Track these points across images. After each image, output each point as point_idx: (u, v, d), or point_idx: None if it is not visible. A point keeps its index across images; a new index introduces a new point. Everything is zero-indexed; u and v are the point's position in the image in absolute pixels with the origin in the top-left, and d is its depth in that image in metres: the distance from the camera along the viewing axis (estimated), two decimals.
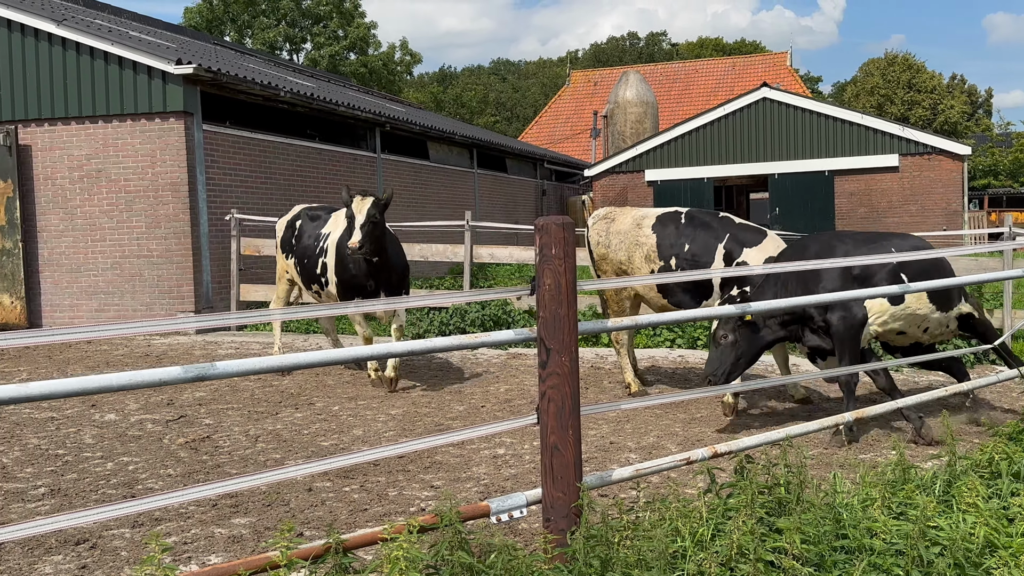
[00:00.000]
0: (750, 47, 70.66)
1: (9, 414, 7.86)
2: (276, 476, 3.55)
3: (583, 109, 45.01)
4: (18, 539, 4.73)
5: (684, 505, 3.67)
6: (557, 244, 3.65)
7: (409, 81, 66.74)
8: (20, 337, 3.00)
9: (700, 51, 69.35)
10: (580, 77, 49.30)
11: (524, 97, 75.36)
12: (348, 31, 53.74)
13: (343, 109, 17.34)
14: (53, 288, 14.03)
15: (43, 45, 13.81)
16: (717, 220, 7.87)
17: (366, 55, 54.85)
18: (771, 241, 7.54)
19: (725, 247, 7.59)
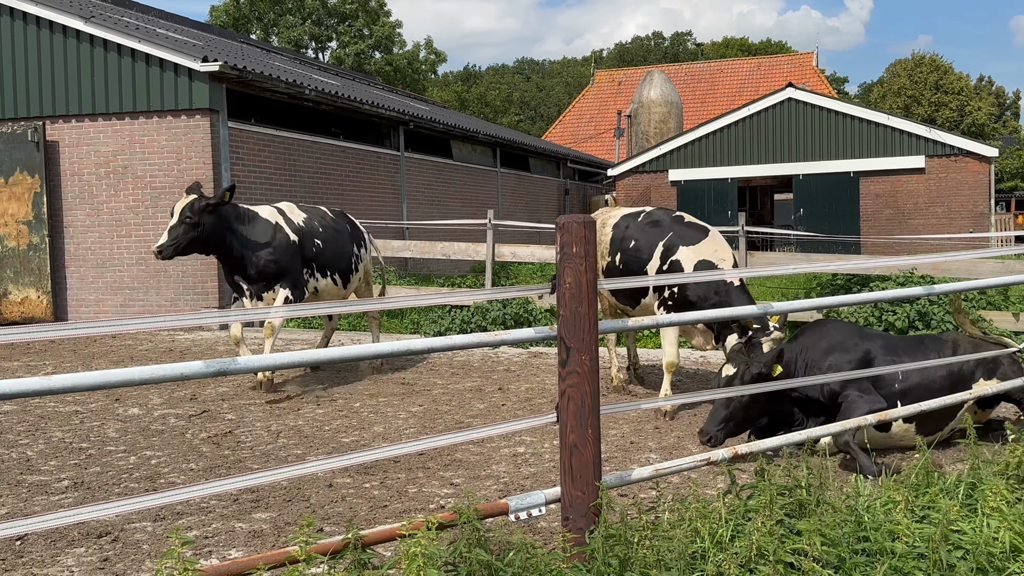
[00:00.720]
0: (776, 47, 70.22)
1: (34, 407, 7.95)
2: (297, 471, 3.57)
3: (607, 108, 44.90)
4: (42, 531, 4.78)
5: (704, 506, 3.65)
6: (578, 243, 3.64)
7: (433, 80, 66.85)
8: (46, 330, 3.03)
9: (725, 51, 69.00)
10: (604, 76, 49.19)
11: (548, 96, 75.29)
12: (373, 30, 53.91)
13: (368, 107, 17.40)
14: (79, 283, 14.17)
15: (71, 42, 13.95)
16: (669, 219, 7.79)
17: (391, 54, 55.02)
18: (709, 241, 7.38)
19: (664, 244, 7.53)
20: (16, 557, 4.51)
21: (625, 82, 46.88)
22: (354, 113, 17.60)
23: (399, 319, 13.32)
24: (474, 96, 67.82)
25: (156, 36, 14.67)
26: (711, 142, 25.76)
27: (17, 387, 2.72)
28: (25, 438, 6.91)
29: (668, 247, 7.49)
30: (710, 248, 7.31)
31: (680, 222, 7.71)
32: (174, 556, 2.75)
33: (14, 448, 6.60)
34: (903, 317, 9.66)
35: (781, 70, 44.37)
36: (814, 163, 24.69)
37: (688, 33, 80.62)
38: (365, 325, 13.18)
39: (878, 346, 6.12)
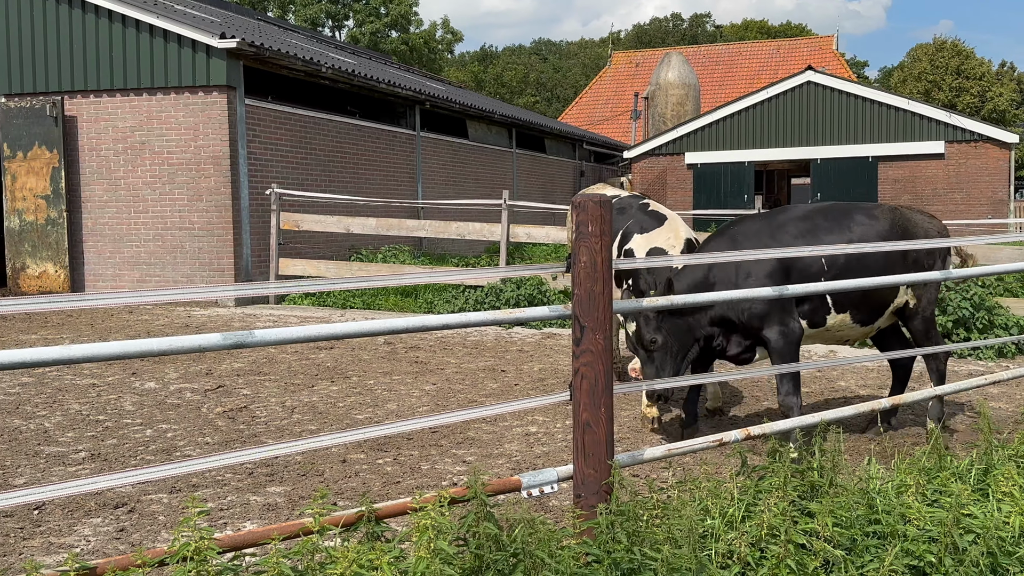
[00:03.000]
0: (796, 30, 69.62)
1: (52, 380, 8.03)
2: (311, 444, 3.60)
3: (624, 90, 44.66)
4: (59, 501, 4.84)
5: (715, 486, 3.66)
6: (594, 222, 3.64)
7: (450, 60, 66.67)
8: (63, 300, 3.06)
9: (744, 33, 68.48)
10: (621, 58, 48.91)
11: (565, 77, 74.96)
12: (390, 8, 53.75)
13: (384, 86, 17.38)
14: (96, 258, 14.26)
15: (90, 17, 13.98)
16: (636, 205, 7.54)
17: (407, 33, 54.85)
18: (665, 229, 7.08)
19: (622, 232, 7.29)
20: (34, 526, 4.57)
21: (642, 64, 46.61)
22: (370, 92, 17.59)
23: (413, 298, 13.35)
24: (490, 76, 67.63)
25: (174, 12, 14.68)
26: (729, 125, 25.62)
27: (38, 356, 2.75)
28: (43, 410, 6.99)
29: (624, 235, 7.34)
30: (664, 236, 7.06)
31: (644, 210, 7.47)
32: (191, 524, 2.79)
33: (32, 420, 6.68)
34: None
35: (801, 53, 44.00)
36: (832, 147, 24.53)
37: (707, 15, 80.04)
38: (379, 303, 13.23)
39: (792, 238, 5.88)
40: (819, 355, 9.63)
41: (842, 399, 7.44)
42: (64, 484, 3.05)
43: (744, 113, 25.43)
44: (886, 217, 6.12)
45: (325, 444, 3.67)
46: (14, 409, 6.99)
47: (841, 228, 5.99)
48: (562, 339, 10.45)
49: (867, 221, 6.06)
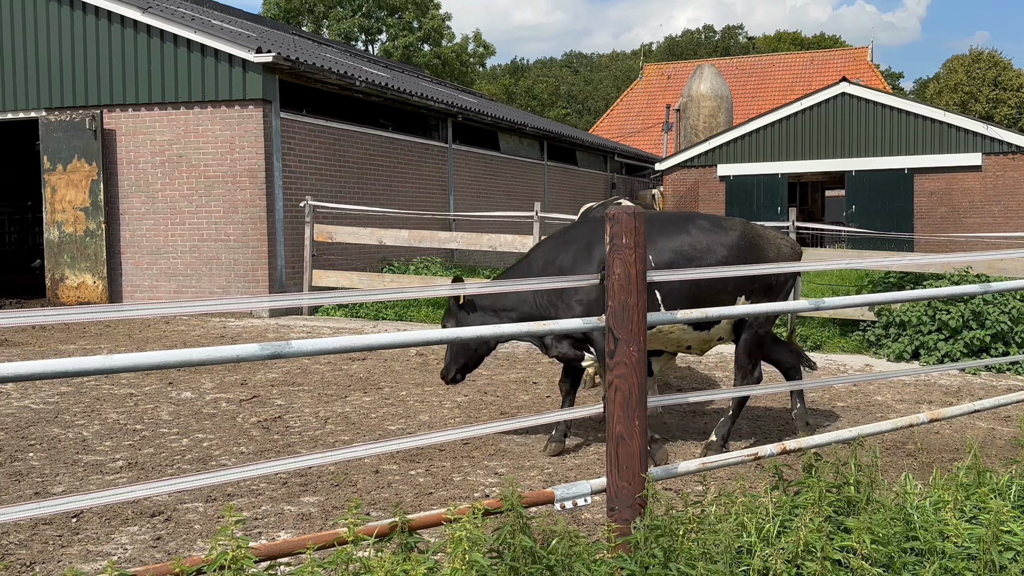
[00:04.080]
0: (830, 41, 69.14)
1: (90, 389, 8.14)
2: (345, 455, 3.62)
3: (655, 102, 44.60)
4: (96, 509, 4.90)
5: (751, 500, 3.63)
6: (628, 234, 3.64)
7: (481, 73, 66.95)
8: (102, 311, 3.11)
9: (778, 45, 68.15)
10: (653, 70, 48.86)
11: (596, 90, 75.00)
12: (423, 22, 54.13)
13: (416, 99, 17.49)
14: (134, 269, 14.46)
15: (128, 32, 14.22)
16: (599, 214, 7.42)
17: (439, 46, 55.19)
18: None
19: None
20: (72, 534, 4.63)
21: (674, 76, 46.53)
22: (403, 105, 17.71)
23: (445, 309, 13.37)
24: (521, 89, 67.82)
25: (211, 27, 14.89)
26: (762, 137, 25.48)
27: (79, 366, 2.80)
28: (81, 419, 7.09)
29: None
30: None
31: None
32: (227, 533, 2.81)
33: (70, 428, 6.77)
34: (957, 316, 9.49)
35: (835, 65, 43.70)
36: (867, 159, 24.31)
37: (739, 27, 79.74)
38: (411, 315, 13.29)
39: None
40: (855, 369, 9.53)
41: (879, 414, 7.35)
42: (102, 492, 3.09)
43: (778, 125, 25.28)
44: (736, 229, 6.05)
45: (358, 455, 3.69)
46: (53, 418, 7.10)
47: (679, 233, 5.98)
48: None
49: (711, 229, 6.03)
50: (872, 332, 10.40)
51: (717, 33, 78.19)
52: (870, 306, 9.67)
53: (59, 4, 14.54)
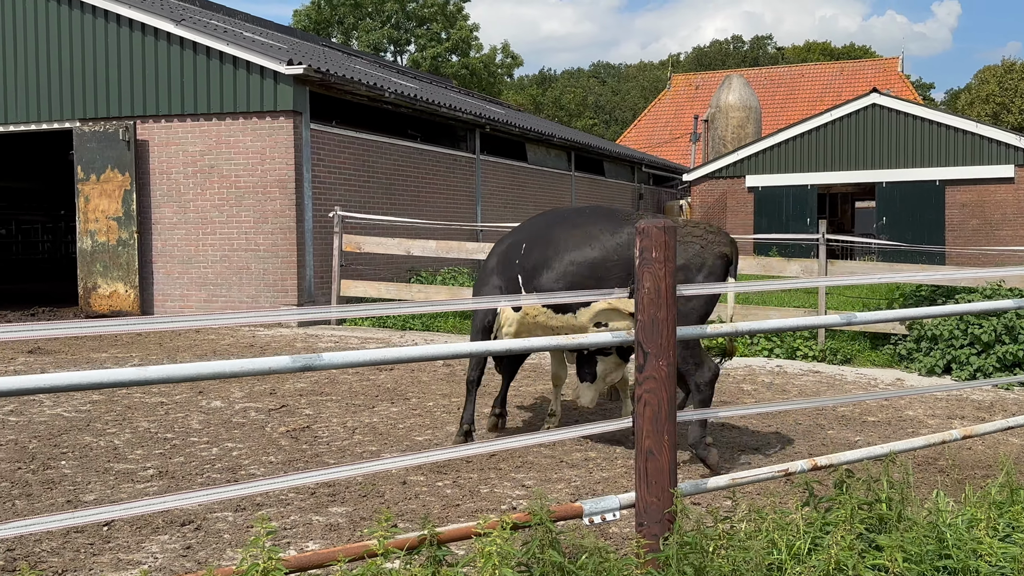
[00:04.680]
0: (859, 52, 68.68)
1: (121, 398, 8.23)
2: (373, 467, 3.64)
3: (683, 113, 44.51)
4: (128, 517, 4.95)
5: (781, 517, 3.60)
6: (658, 247, 3.64)
7: (509, 83, 67.13)
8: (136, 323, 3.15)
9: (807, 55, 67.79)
10: (681, 80, 48.77)
11: (623, 100, 74.98)
12: (451, 33, 54.41)
13: (445, 110, 17.57)
14: (165, 278, 14.61)
15: (162, 44, 14.41)
16: None
17: (468, 57, 55.43)
18: None
19: None
20: (103, 542, 4.68)
21: (702, 86, 46.43)
22: (431, 116, 17.80)
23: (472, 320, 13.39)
24: (549, 100, 67.93)
25: (243, 39, 15.05)
26: (791, 148, 25.34)
27: (115, 377, 2.83)
28: (113, 427, 7.16)
29: None
30: None
31: None
32: (259, 544, 2.83)
33: (102, 437, 6.85)
34: (989, 331, 9.38)
35: (865, 75, 43.41)
36: (898, 171, 24.11)
37: (768, 37, 79.45)
38: (439, 325, 13.32)
39: (526, 230, 6.53)
40: (886, 383, 9.43)
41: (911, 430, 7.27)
42: (134, 503, 3.12)
43: (807, 136, 25.15)
44: (627, 226, 5.95)
45: (387, 467, 3.71)
46: (85, 426, 7.18)
47: (572, 225, 6.18)
48: None
49: (596, 222, 6.11)
50: (903, 346, 10.29)
51: (746, 43, 77.93)
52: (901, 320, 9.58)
53: (94, 16, 14.77)
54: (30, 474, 5.86)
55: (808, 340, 10.90)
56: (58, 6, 15.00)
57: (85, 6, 14.79)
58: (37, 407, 7.85)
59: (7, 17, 15.39)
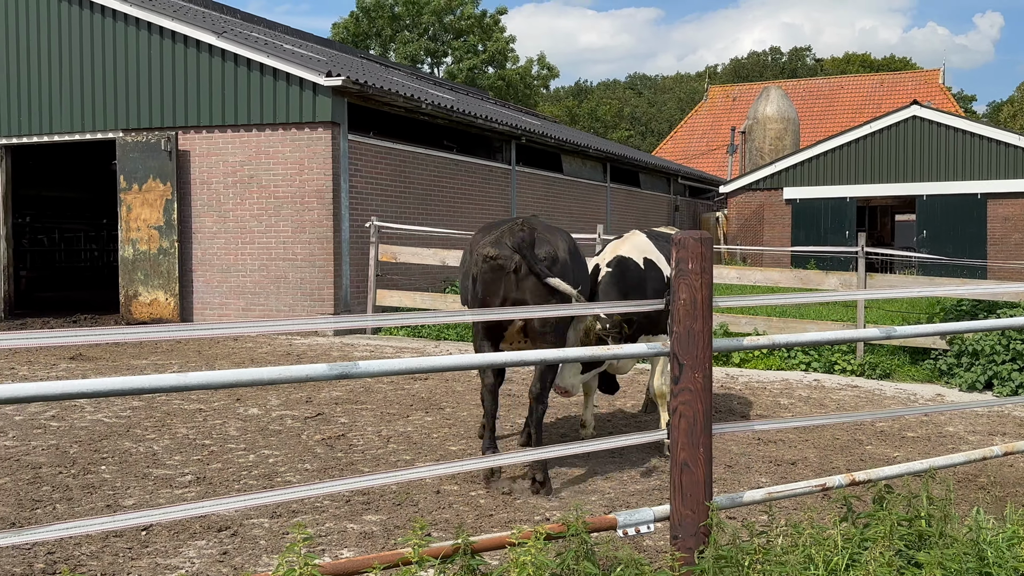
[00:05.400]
0: (900, 63, 67.96)
1: (161, 404, 8.34)
2: (407, 476, 3.66)
3: (720, 124, 44.30)
4: (166, 523, 5.01)
5: (818, 532, 3.56)
6: (694, 259, 3.63)
7: (545, 95, 67.25)
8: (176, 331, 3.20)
9: (846, 67, 67.19)
10: (718, 92, 48.56)
11: (659, 112, 74.79)
12: (487, 45, 54.65)
13: (481, 122, 17.65)
14: (205, 287, 14.80)
15: (204, 56, 14.63)
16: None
17: (504, 68, 55.63)
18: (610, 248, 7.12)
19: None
20: (141, 547, 4.74)
21: (740, 98, 46.19)
22: (467, 127, 17.88)
23: None
24: (584, 111, 67.93)
25: (283, 51, 15.24)
26: (830, 160, 25.12)
27: (155, 383, 2.88)
28: (152, 433, 7.26)
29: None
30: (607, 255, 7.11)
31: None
32: (296, 551, 2.86)
33: (142, 442, 6.94)
34: None
35: (905, 87, 42.94)
36: (939, 183, 23.79)
37: (807, 48, 78.85)
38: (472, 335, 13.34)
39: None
40: (925, 398, 9.30)
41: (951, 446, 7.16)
42: (171, 508, 3.17)
43: (846, 148, 24.91)
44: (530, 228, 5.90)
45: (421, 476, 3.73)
46: (125, 432, 7.29)
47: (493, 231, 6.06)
48: None
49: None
50: (943, 361, 10.14)
51: (784, 55, 77.44)
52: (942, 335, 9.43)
53: (137, 28, 15.04)
54: (71, 478, 5.95)
55: (846, 354, 10.77)
56: (103, 18, 15.30)
57: (129, 18, 15.07)
58: (78, 412, 7.98)
59: (53, 29, 15.72)
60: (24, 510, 5.30)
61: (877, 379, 10.36)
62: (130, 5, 14.97)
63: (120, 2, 15.02)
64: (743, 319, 11.52)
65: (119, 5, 15.03)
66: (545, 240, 5.87)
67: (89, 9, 15.40)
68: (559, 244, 5.96)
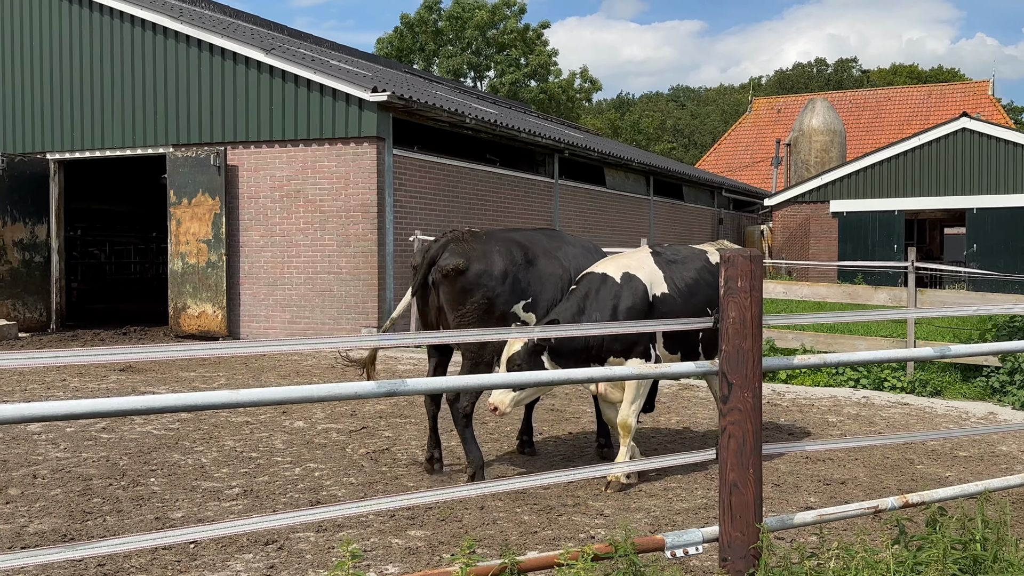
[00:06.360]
0: (948, 75, 66.91)
1: (208, 417, 8.44)
2: (452, 494, 3.66)
3: (764, 137, 43.94)
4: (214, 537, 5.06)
5: (871, 555, 3.50)
6: (743, 277, 3.59)
7: (587, 108, 67.24)
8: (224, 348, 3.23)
9: (893, 78, 66.31)
10: (762, 104, 48.19)
11: (703, 124, 74.38)
12: (530, 59, 54.83)
13: (524, 135, 17.69)
14: (251, 300, 14.98)
15: (252, 72, 14.85)
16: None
17: (546, 82, 55.76)
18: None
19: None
20: (190, 559, 4.79)
21: (784, 110, 45.79)
22: (511, 141, 17.93)
23: None
24: (627, 124, 67.79)
25: (329, 67, 15.43)
26: (877, 172, 24.78)
27: (208, 400, 2.91)
28: (200, 446, 7.35)
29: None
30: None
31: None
32: (344, 568, 2.87)
33: (190, 455, 7.03)
34: None
35: (954, 99, 42.26)
36: (989, 196, 23.36)
37: (853, 60, 77.95)
38: None
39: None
40: (978, 417, 9.10)
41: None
42: (220, 524, 3.20)
43: (894, 160, 24.57)
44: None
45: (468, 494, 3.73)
46: (174, 444, 7.38)
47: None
48: (700, 391, 10.26)
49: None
50: (996, 378, 9.92)
51: (829, 66, 76.63)
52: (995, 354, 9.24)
53: (188, 45, 15.32)
54: (120, 490, 6.04)
55: (896, 370, 10.58)
56: (154, 36, 15.61)
57: (180, 36, 15.36)
58: (128, 424, 8.10)
59: (105, 48, 16.07)
60: (75, 522, 5.39)
61: (928, 396, 10.16)
62: (181, 23, 15.26)
63: (171, 20, 15.32)
64: (790, 334, 11.38)
65: (170, 23, 15.33)
66: (460, 252, 6.27)
67: (141, 27, 15.73)
68: (487, 256, 6.31)
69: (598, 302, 6.15)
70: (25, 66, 16.81)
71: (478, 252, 6.33)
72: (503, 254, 6.33)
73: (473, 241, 6.40)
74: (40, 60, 16.68)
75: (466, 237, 6.43)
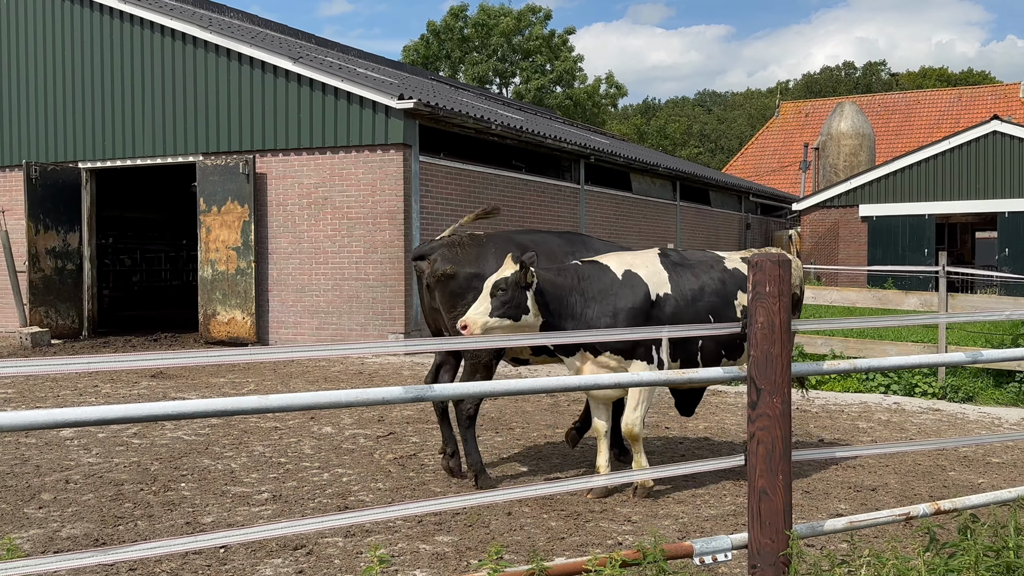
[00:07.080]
0: (978, 78, 66.14)
1: (238, 422, 8.51)
2: (479, 499, 3.67)
3: (792, 141, 43.66)
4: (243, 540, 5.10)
5: (902, 563, 3.46)
6: (772, 282, 3.57)
7: (612, 113, 67.17)
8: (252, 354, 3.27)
9: (922, 82, 65.69)
10: (790, 108, 47.88)
11: (729, 129, 74.03)
12: (555, 65, 54.88)
13: (550, 141, 17.70)
14: (280, 306, 15.09)
15: (280, 81, 14.99)
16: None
17: (572, 88, 55.77)
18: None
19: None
20: (220, 564, 4.83)
21: (812, 114, 45.48)
22: (536, 147, 17.95)
23: None
24: (653, 129, 67.64)
25: (356, 75, 15.53)
26: (907, 176, 24.56)
27: (237, 406, 2.94)
28: (230, 451, 7.41)
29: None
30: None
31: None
32: (373, 573, 2.88)
33: (220, 460, 7.09)
34: None
35: (984, 102, 41.77)
36: (1021, 200, 23.05)
37: (882, 63, 77.28)
38: None
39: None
40: (1011, 423, 8.98)
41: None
42: (250, 529, 3.22)
43: (924, 164, 24.33)
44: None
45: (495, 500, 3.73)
46: (204, 449, 7.45)
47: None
48: (726, 396, 10.20)
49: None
50: None
51: (858, 70, 76.03)
52: None
53: (217, 55, 15.48)
54: (151, 495, 6.10)
55: (927, 376, 10.47)
56: (183, 45, 15.80)
57: (210, 45, 15.53)
58: (159, 430, 8.18)
59: (136, 58, 16.28)
60: (107, 526, 5.45)
61: (960, 402, 10.04)
62: (211, 33, 15.43)
63: (201, 30, 15.49)
64: (819, 339, 11.29)
65: (200, 33, 15.51)
66: (450, 257, 6.45)
67: (171, 37, 15.92)
68: (480, 259, 6.41)
69: (590, 284, 5.93)
70: (57, 77, 17.07)
71: (471, 256, 6.45)
72: (499, 256, 6.24)
73: (469, 245, 6.51)
74: (72, 71, 16.92)
75: (464, 241, 6.56)
